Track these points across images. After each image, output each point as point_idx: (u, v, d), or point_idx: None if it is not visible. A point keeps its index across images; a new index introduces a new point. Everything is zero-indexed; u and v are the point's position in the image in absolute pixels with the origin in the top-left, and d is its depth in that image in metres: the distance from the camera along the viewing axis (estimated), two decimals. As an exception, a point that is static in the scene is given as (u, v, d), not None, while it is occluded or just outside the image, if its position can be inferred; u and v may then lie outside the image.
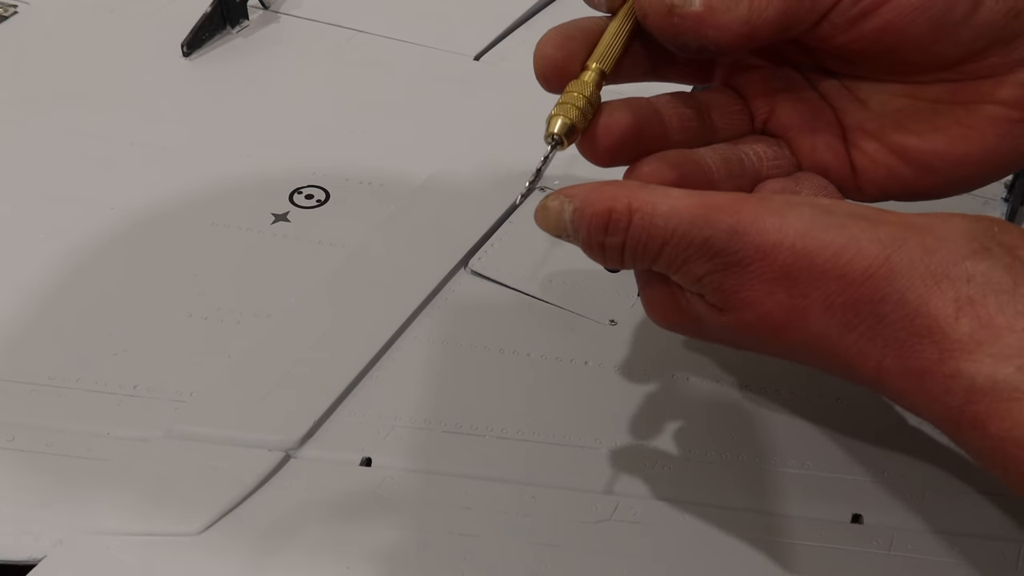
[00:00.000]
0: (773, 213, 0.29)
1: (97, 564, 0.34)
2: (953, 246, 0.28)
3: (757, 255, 0.29)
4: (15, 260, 0.45)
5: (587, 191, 0.30)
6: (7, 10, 0.63)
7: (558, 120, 0.32)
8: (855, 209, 0.29)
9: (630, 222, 0.29)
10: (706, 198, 0.30)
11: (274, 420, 0.39)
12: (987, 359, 0.26)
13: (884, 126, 0.35)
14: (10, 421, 0.38)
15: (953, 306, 0.27)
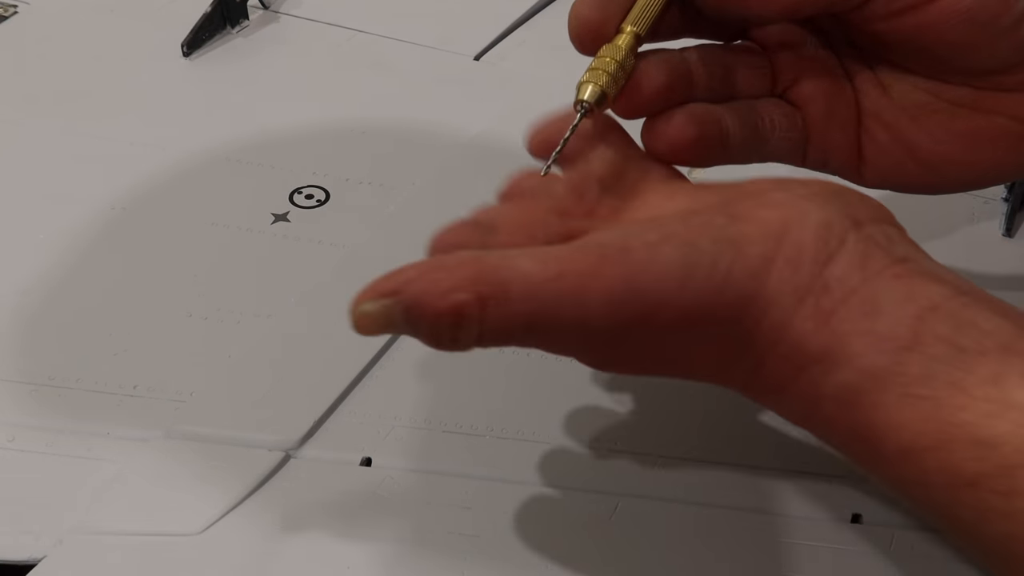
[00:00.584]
0: (640, 270, 0.26)
1: (97, 564, 0.34)
2: (813, 253, 0.27)
3: (638, 320, 0.27)
4: (15, 260, 0.45)
5: (415, 285, 0.26)
6: (7, 10, 0.63)
7: (588, 87, 0.31)
8: (719, 229, 0.27)
9: (483, 314, 0.26)
10: (562, 264, 0.26)
11: (274, 420, 0.39)
12: (834, 368, 0.27)
13: (900, 118, 0.35)
14: (10, 421, 0.38)
15: (812, 323, 0.27)
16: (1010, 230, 0.51)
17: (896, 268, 0.27)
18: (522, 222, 0.29)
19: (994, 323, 0.26)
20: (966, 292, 0.27)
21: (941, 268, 0.28)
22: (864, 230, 0.28)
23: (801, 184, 0.29)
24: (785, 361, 0.27)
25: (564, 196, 0.31)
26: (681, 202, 0.30)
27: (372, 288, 0.26)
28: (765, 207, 0.28)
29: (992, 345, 0.25)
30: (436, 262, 0.26)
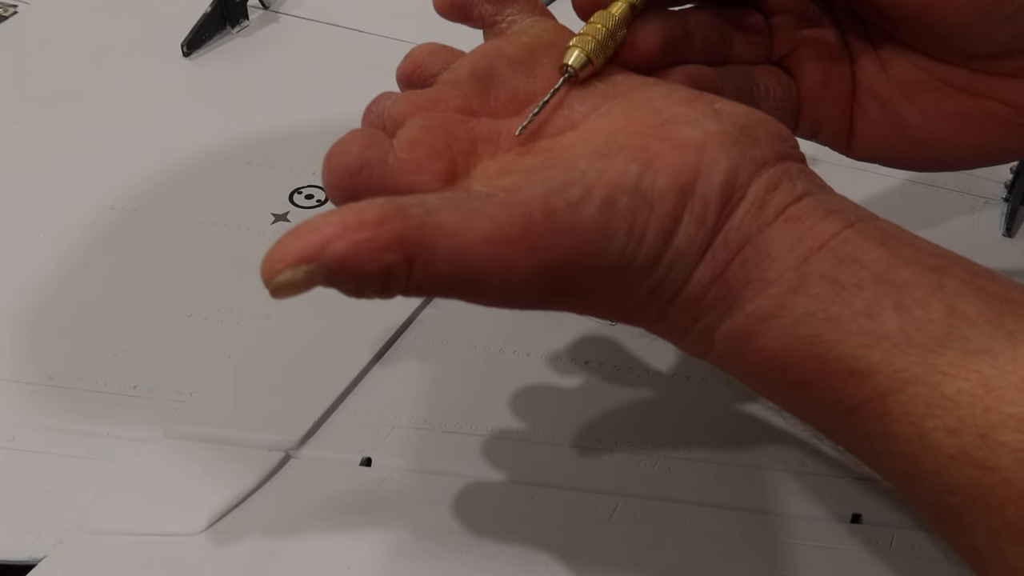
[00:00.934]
0: (564, 237, 0.27)
1: (97, 564, 0.34)
2: (718, 207, 0.28)
3: (559, 284, 0.28)
4: (15, 260, 0.45)
5: (337, 246, 0.24)
6: (7, 10, 0.63)
7: (574, 51, 0.31)
8: (635, 179, 0.28)
9: (410, 274, 0.25)
10: (487, 226, 0.26)
11: (274, 420, 0.39)
12: (726, 315, 0.28)
13: (895, 94, 0.35)
14: (11, 421, 0.38)
15: (709, 275, 0.28)
16: (1010, 230, 0.51)
17: (791, 209, 0.28)
18: (427, 127, 0.29)
19: (874, 255, 0.27)
20: (854, 223, 0.28)
21: (837, 200, 0.29)
22: (767, 172, 0.28)
23: (713, 115, 0.29)
24: (683, 311, 0.29)
25: (469, 87, 0.31)
26: (593, 118, 0.31)
27: (287, 253, 0.24)
28: (679, 151, 0.28)
29: (868, 277, 0.27)
30: (354, 216, 0.25)
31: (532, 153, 0.30)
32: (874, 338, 0.26)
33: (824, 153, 0.56)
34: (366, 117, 0.32)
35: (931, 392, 0.25)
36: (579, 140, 0.30)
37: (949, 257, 0.28)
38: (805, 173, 0.29)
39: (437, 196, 0.27)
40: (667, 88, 0.31)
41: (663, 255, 0.27)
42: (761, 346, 0.28)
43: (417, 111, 0.30)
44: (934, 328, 0.26)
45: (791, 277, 0.27)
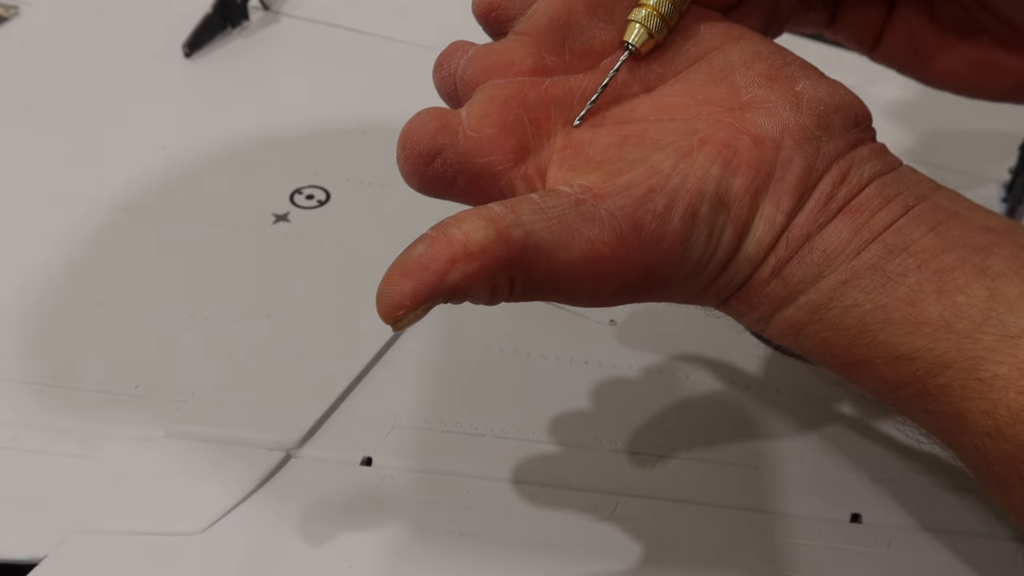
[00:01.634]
0: (651, 252, 0.28)
1: (98, 564, 0.34)
2: (788, 209, 0.29)
3: (644, 290, 0.29)
4: (16, 260, 0.45)
5: (451, 277, 0.26)
6: (8, 11, 0.63)
7: (635, 28, 0.30)
8: (715, 181, 0.28)
9: (512, 290, 0.27)
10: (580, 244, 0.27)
11: (274, 420, 0.39)
12: (782, 306, 0.30)
13: (928, 28, 0.36)
14: (13, 421, 0.38)
15: (769, 271, 0.29)
16: (1010, 230, 0.51)
17: (853, 202, 0.29)
18: (497, 98, 0.29)
19: (922, 242, 0.28)
20: (911, 208, 0.29)
21: (902, 178, 0.30)
22: (836, 166, 0.29)
23: (793, 102, 0.30)
24: (742, 302, 0.30)
25: (544, 41, 0.30)
26: (671, 83, 0.31)
27: (403, 296, 0.26)
28: (756, 147, 0.29)
29: (914, 265, 0.28)
30: (461, 246, 0.26)
31: (607, 126, 0.30)
32: (916, 325, 0.27)
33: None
34: (437, 72, 0.32)
35: (967, 376, 0.27)
36: (656, 114, 0.30)
37: (1001, 229, 0.29)
38: (875, 154, 0.30)
39: (529, 206, 0.27)
40: (750, 52, 0.31)
41: (734, 257, 0.29)
42: (813, 333, 0.29)
43: (489, 76, 0.30)
44: (974, 313, 0.27)
45: (844, 270, 0.28)
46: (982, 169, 0.55)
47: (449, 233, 0.26)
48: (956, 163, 0.56)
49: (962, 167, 0.55)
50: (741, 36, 0.32)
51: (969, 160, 0.56)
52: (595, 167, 0.29)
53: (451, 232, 0.26)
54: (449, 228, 0.26)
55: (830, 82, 0.31)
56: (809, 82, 0.30)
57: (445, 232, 0.26)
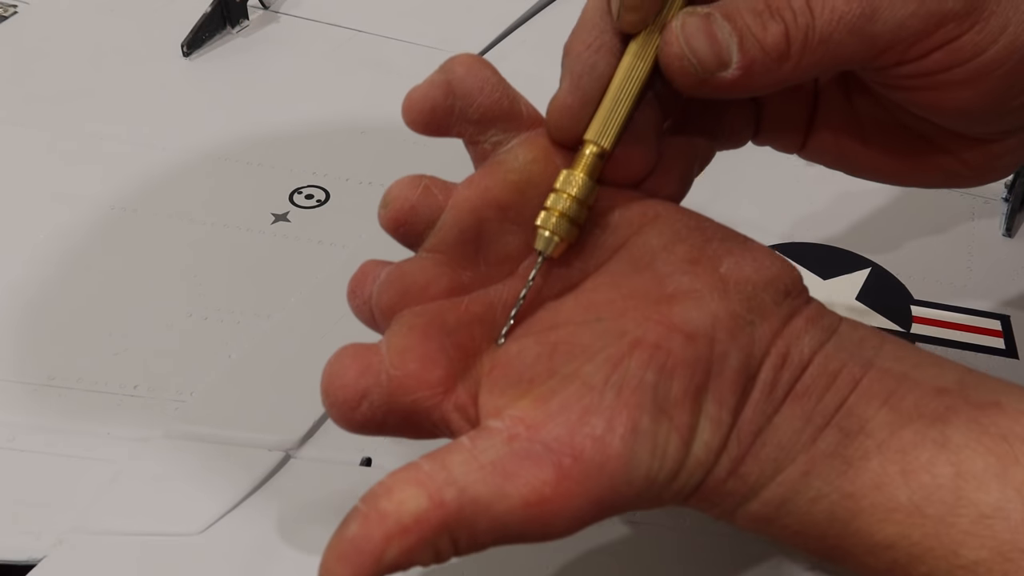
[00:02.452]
0: (595, 480, 0.26)
1: (97, 564, 0.34)
2: (732, 406, 0.27)
3: (593, 519, 0.27)
4: (16, 260, 0.45)
5: (390, 552, 0.25)
6: (7, 10, 0.63)
7: (543, 235, 0.29)
8: (651, 391, 0.27)
9: (455, 548, 0.26)
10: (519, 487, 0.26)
11: (274, 420, 0.39)
12: (744, 502, 0.28)
13: (851, 125, 0.34)
14: (11, 421, 0.38)
15: (725, 472, 0.28)
16: (1010, 230, 0.51)
17: (798, 386, 0.28)
18: (416, 328, 0.28)
19: (878, 419, 0.27)
20: (859, 381, 0.28)
21: (842, 345, 0.29)
22: (775, 348, 0.28)
23: (719, 287, 0.28)
24: (702, 501, 0.29)
25: (457, 256, 0.29)
26: (593, 277, 0.30)
27: (346, 571, 0.25)
28: (690, 345, 0.27)
29: (873, 446, 0.27)
30: (394, 521, 0.25)
31: (534, 334, 0.28)
32: (887, 512, 0.26)
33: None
34: (352, 299, 0.31)
35: (948, 564, 0.26)
36: (582, 314, 0.28)
37: (953, 389, 0.28)
38: (811, 321, 0.29)
39: (460, 457, 0.26)
40: (668, 233, 0.30)
41: (683, 465, 0.27)
42: (782, 526, 0.28)
43: (405, 302, 0.29)
44: (944, 494, 0.26)
45: (802, 461, 0.27)
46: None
47: (380, 507, 0.25)
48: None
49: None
50: (657, 215, 0.30)
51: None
52: (526, 388, 0.27)
53: (381, 506, 0.25)
54: (379, 501, 0.25)
55: (755, 253, 0.30)
56: (732, 260, 0.29)
57: (375, 507, 0.25)
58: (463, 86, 0.30)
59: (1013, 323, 0.46)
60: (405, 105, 0.31)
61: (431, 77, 0.31)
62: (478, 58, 0.31)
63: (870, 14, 0.28)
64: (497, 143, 0.31)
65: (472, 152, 0.32)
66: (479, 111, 0.30)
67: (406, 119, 0.31)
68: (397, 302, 0.29)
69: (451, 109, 0.30)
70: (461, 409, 0.28)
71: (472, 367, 0.28)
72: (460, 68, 0.31)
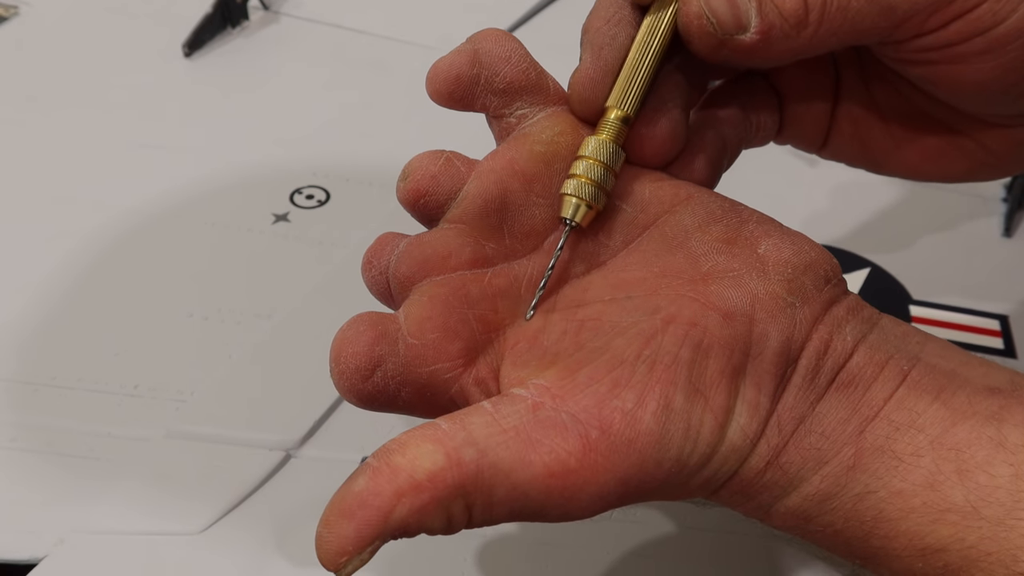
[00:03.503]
0: (624, 456, 0.25)
1: (98, 563, 0.34)
2: (771, 390, 0.26)
3: (618, 501, 0.26)
4: (16, 261, 0.45)
5: (399, 511, 0.23)
6: (8, 11, 0.63)
7: (571, 202, 0.28)
8: (687, 368, 0.26)
9: (470, 516, 0.24)
10: (543, 455, 0.24)
11: (274, 420, 0.39)
12: (783, 496, 0.27)
13: (871, 117, 0.34)
14: (12, 421, 0.38)
15: (764, 461, 0.26)
16: (1009, 230, 0.51)
17: (843, 374, 0.27)
18: (437, 298, 0.27)
19: (930, 414, 0.26)
20: (907, 374, 0.27)
21: (888, 337, 0.27)
22: (817, 333, 0.27)
23: (758, 267, 0.27)
24: (736, 493, 0.27)
25: (480, 227, 0.28)
26: (623, 255, 0.28)
27: (346, 540, 0.23)
28: (728, 323, 0.26)
29: (926, 442, 0.25)
30: (406, 477, 0.23)
31: (560, 311, 0.27)
32: (940, 512, 0.25)
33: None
34: (367, 271, 0.29)
35: (1008, 571, 0.24)
36: (612, 292, 0.27)
37: (1005, 388, 0.26)
38: (853, 311, 0.28)
39: (481, 419, 0.24)
40: (703, 213, 0.29)
41: (717, 449, 0.26)
42: (823, 523, 0.27)
43: (425, 272, 0.27)
44: (1002, 495, 0.24)
45: (848, 454, 0.26)
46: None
47: (392, 462, 0.23)
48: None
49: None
50: (690, 195, 0.29)
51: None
52: (551, 361, 0.26)
53: (394, 461, 0.23)
54: (392, 456, 0.23)
55: (793, 237, 0.29)
56: (772, 241, 0.28)
57: (388, 461, 0.23)
58: (489, 56, 0.29)
59: (1012, 323, 0.46)
60: (430, 75, 0.29)
61: (457, 48, 0.30)
62: (504, 32, 0.30)
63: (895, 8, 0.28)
64: (522, 116, 0.30)
65: (496, 127, 0.31)
66: (505, 81, 0.29)
67: (430, 89, 0.29)
68: (417, 272, 0.27)
69: (476, 79, 0.29)
70: (481, 383, 0.26)
71: (494, 341, 0.27)
72: (487, 39, 0.30)
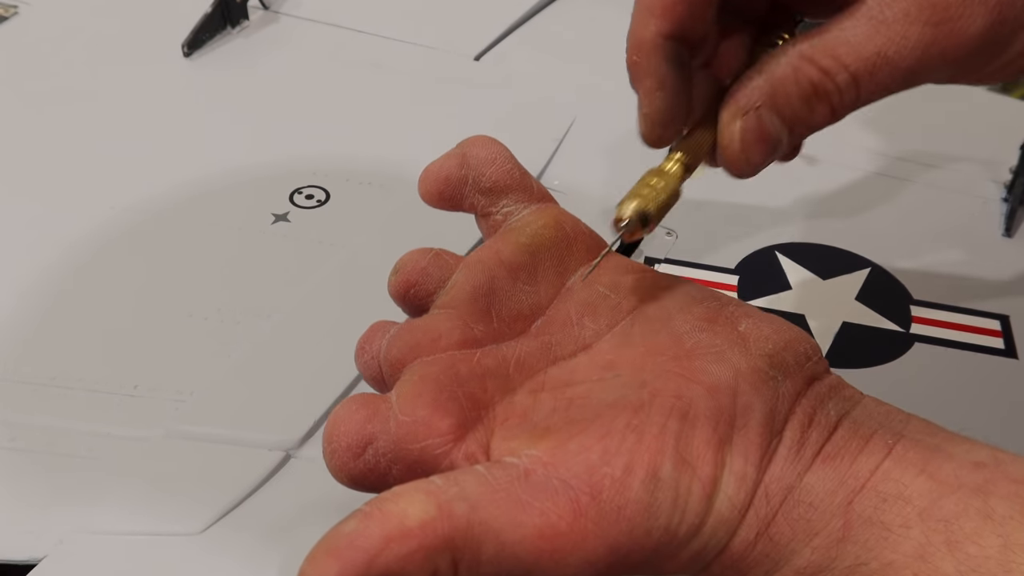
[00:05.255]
0: (613, 522, 0.25)
1: (98, 564, 0.34)
2: (757, 460, 0.27)
3: (607, 570, 0.26)
4: (16, 261, 0.45)
5: (384, 558, 0.23)
6: (8, 10, 0.63)
7: (633, 203, 0.29)
8: (674, 438, 0.26)
9: (455, 573, 0.24)
10: (533, 517, 0.24)
11: (274, 420, 0.39)
12: (774, 570, 0.27)
13: None
14: (11, 421, 0.38)
15: (753, 533, 0.26)
16: (1010, 230, 0.51)
17: (828, 447, 0.27)
18: (428, 377, 0.27)
19: (917, 486, 0.26)
20: (892, 448, 0.27)
21: (871, 413, 0.28)
22: (800, 407, 0.27)
23: (740, 343, 0.28)
24: (728, 568, 0.27)
25: (469, 311, 0.29)
26: (608, 338, 0.29)
27: (333, 567, 0.23)
28: (712, 396, 0.27)
29: (914, 514, 0.26)
30: (396, 524, 0.23)
31: (549, 390, 0.28)
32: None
33: (824, 154, 0.57)
34: (360, 357, 0.30)
35: None
36: (599, 373, 0.28)
37: (989, 463, 0.26)
38: (834, 389, 0.28)
39: (474, 478, 0.25)
40: (684, 298, 0.30)
41: (706, 521, 0.26)
42: None
43: (415, 354, 0.28)
44: (992, 566, 0.24)
45: (837, 526, 0.26)
46: (982, 169, 0.55)
47: (384, 508, 0.23)
48: (957, 163, 0.56)
49: (963, 167, 0.56)
50: (671, 284, 0.30)
51: (970, 160, 0.56)
52: (542, 434, 0.26)
53: (386, 507, 0.23)
54: (385, 503, 0.23)
55: (771, 319, 0.29)
56: (751, 321, 0.29)
57: (380, 507, 0.23)
58: (476, 159, 0.32)
59: (1012, 323, 0.46)
60: (421, 177, 0.32)
61: (447, 152, 0.32)
62: (491, 137, 0.32)
63: (917, 72, 0.29)
64: (508, 213, 0.32)
65: (484, 226, 0.33)
66: (491, 180, 0.32)
67: (421, 190, 0.32)
68: (407, 354, 0.28)
69: (464, 179, 0.32)
70: (471, 459, 0.27)
71: (484, 418, 0.27)
72: (474, 144, 0.32)
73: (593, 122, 0.56)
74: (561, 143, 0.55)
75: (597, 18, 0.65)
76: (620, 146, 0.54)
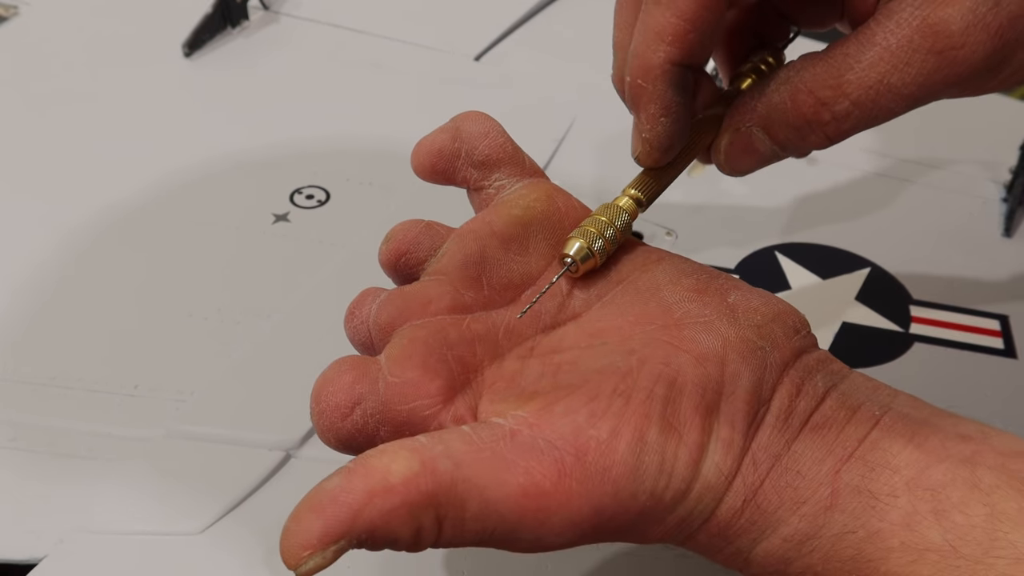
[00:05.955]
0: (598, 484, 0.25)
1: (98, 563, 0.34)
2: (744, 428, 0.27)
3: (592, 531, 0.26)
4: (16, 260, 0.45)
5: (366, 515, 0.23)
6: (8, 11, 0.63)
7: (576, 243, 0.30)
8: (661, 404, 0.26)
9: (439, 532, 0.24)
10: (518, 476, 0.24)
11: (274, 420, 0.39)
12: (761, 538, 0.27)
13: None
14: (12, 420, 0.38)
15: (740, 500, 0.26)
16: (1009, 230, 0.51)
17: (815, 417, 0.27)
18: (417, 339, 0.27)
19: (904, 456, 0.26)
20: (879, 419, 0.27)
21: (858, 387, 0.28)
22: (788, 377, 0.28)
23: (728, 314, 0.28)
24: (714, 536, 0.27)
25: (460, 278, 0.29)
26: (597, 308, 0.30)
27: (310, 534, 0.23)
28: (700, 364, 0.27)
29: (901, 483, 0.26)
30: (379, 479, 0.23)
31: (537, 356, 0.28)
32: (919, 552, 0.25)
33: (824, 154, 0.57)
34: (349, 322, 0.30)
35: None
36: (587, 340, 0.28)
37: (976, 437, 0.27)
38: (823, 363, 0.29)
39: (459, 436, 0.25)
40: (673, 270, 0.30)
41: (692, 487, 0.26)
42: (803, 567, 0.27)
43: (405, 318, 0.28)
44: (979, 534, 0.25)
45: (824, 494, 0.26)
46: (982, 169, 0.55)
47: (368, 464, 0.23)
48: (957, 163, 0.56)
49: (963, 167, 0.56)
50: (661, 258, 0.31)
51: (969, 160, 0.56)
52: (529, 397, 0.26)
53: (370, 463, 0.23)
54: (369, 459, 0.24)
55: (761, 292, 0.30)
56: (740, 293, 0.29)
57: (364, 463, 0.23)
58: (469, 131, 0.32)
59: (1012, 323, 0.46)
60: (414, 151, 0.32)
61: (440, 126, 0.32)
62: (483, 113, 0.32)
63: (920, 98, 0.30)
64: (501, 187, 0.32)
65: (476, 200, 0.33)
66: (483, 154, 0.32)
67: (414, 163, 0.32)
68: (397, 318, 0.28)
69: (457, 152, 0.32)
70: (459, 421, 0.27)
71: (472, 381, 0.28)
72: (467, 119, 0.32)
73: (593, 122, 0.56)
74: (561, 143, 0.55)
75: (597, 18, 0.65)
76: (620, 146, 0.54)
